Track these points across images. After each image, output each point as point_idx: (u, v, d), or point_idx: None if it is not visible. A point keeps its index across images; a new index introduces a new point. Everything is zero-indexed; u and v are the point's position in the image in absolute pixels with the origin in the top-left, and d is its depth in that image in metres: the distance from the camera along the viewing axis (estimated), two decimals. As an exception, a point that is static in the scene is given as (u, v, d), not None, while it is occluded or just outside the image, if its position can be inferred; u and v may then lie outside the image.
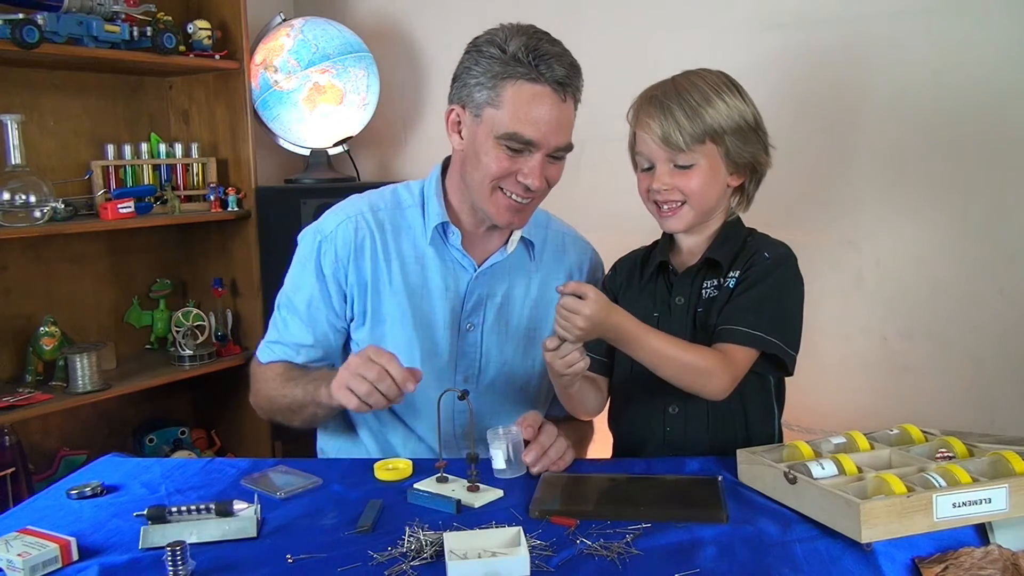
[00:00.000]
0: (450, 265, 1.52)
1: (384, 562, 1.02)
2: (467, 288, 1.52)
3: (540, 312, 1.56)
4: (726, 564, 0.99)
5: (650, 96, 1.38)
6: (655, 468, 1.31)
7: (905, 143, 2.01)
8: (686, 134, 1.32)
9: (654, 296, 1.42)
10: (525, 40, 1.37)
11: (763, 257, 1.36)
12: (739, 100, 1.36)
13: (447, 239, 1.51)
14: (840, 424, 1.49)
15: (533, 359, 1.56)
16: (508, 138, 1.37)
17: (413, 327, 1.50)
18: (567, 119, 1.40)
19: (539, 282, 1.57)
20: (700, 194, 1.35)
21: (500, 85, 1.36)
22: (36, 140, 2.36)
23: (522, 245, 1.55)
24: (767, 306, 1.32)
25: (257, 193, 2.58)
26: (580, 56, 1.42)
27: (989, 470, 1.09)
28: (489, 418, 1.49)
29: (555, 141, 1.38)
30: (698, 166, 1.34)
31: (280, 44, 2.59)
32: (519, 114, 1.36)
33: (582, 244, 1.65)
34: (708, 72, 1.38)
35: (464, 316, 1.52)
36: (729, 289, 1.35)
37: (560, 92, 1.37)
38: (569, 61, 1.39)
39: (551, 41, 1.40)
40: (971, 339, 1.97)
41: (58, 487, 1.31)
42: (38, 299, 2.40)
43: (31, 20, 2.06)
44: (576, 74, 1.40)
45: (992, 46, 1.89)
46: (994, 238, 1.93)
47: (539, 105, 1.36)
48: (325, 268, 1.50)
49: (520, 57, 1.35)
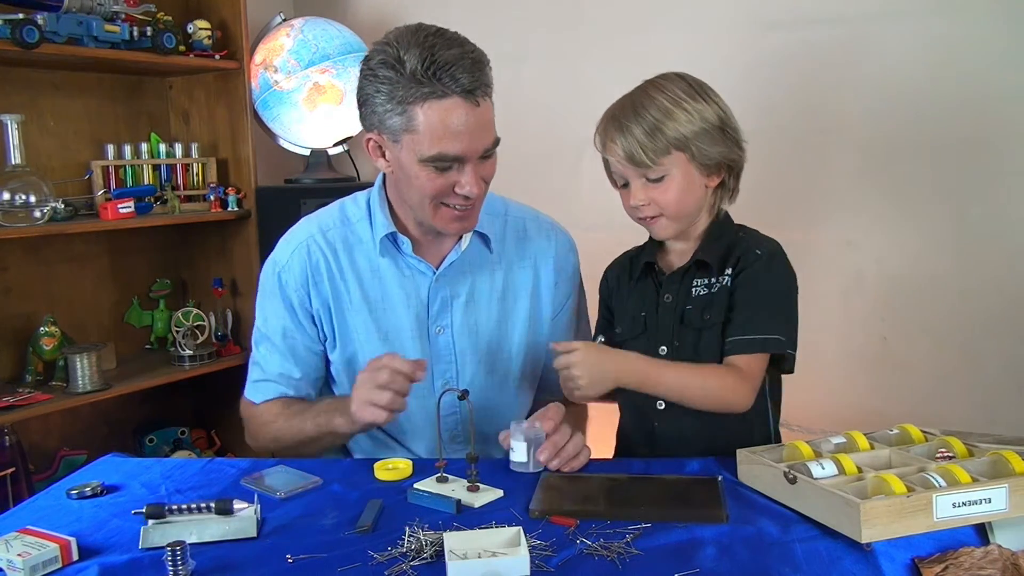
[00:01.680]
0: (407, 273, 1.50)
1: (384, 562, 1.02)
2: (429, 293, 1.50)
3: (508, 304, 1.55)
4: (726, 564, 0.99)
5: (610, 116, 1.38)
6: (655, 468, 1.31)
7: (904, 143, 2.02)
8: (649, 151, 1.32)
9: (643, 296, 1.43)
10: (418, 53, 1.29)
11: (755, 255, 1.36)
12: (701, 103, 1.35)
13: (399, 248, 1.49)
14: (840, 424, 1.49)
15: (509, 350, 1.55)
16: (434, 160, 1.33)
17: (380, 340, 1.50)
18: (485, 119, 1.36)
19: (503, 275, 1.55)
20: (677, 204, 1.36)
21: (409, 110, 1.31)
22: (36, 140, 2.36)
23: (477, 239, 1.53)
24: (768, 308, 1.33)
25: (257, 193, 2.58)
26: (580, 56, 1.42)
27: (989, 470, 1.09)
28: (477, 416, 1.49)
29: (480, 145, 1.36)
30: (670, 176, 1.35)
31: (280, 44, 2.59)
32: (437, 134, 1.31)
33: (546, 227, 1.61)
34: (666, 81, 1.37)
35: (431, 321, 1.51)
36: (726, 289, 1.35)
37: (471, 99, 1.31)
38: (470, 60, 1.31)
39: (445, 42, 1.32)
40: (971, 339, 1.97)
41: (58, 487, 1.31)
42: (38, 299, 2.40)
43: (31, 20, 2.06)
44: (480, 70, 1.33)
45: (989, 45, 1.89)
46: (993, 237, 1.93)
47: (454, 118, 1.31)
48: (291, 297, 1.50)
49: (419, 76, 1.29)
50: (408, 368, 1.29)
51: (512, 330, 1.56)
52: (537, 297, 1.58)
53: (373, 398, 1.29)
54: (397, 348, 1.49)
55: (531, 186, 1.81)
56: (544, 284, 1.58)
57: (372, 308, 1.50)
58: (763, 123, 2.16)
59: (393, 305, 1.50)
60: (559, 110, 2.33)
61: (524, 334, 1.56)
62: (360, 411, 1.31)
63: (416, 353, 1.50)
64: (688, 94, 1.35)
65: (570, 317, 1.63)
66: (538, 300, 1.58)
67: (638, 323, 1.41)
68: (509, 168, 1.50)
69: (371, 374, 1.30)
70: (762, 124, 2.16)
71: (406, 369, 1.29)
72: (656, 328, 1.39)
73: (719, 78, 1.35)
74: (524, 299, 1.56)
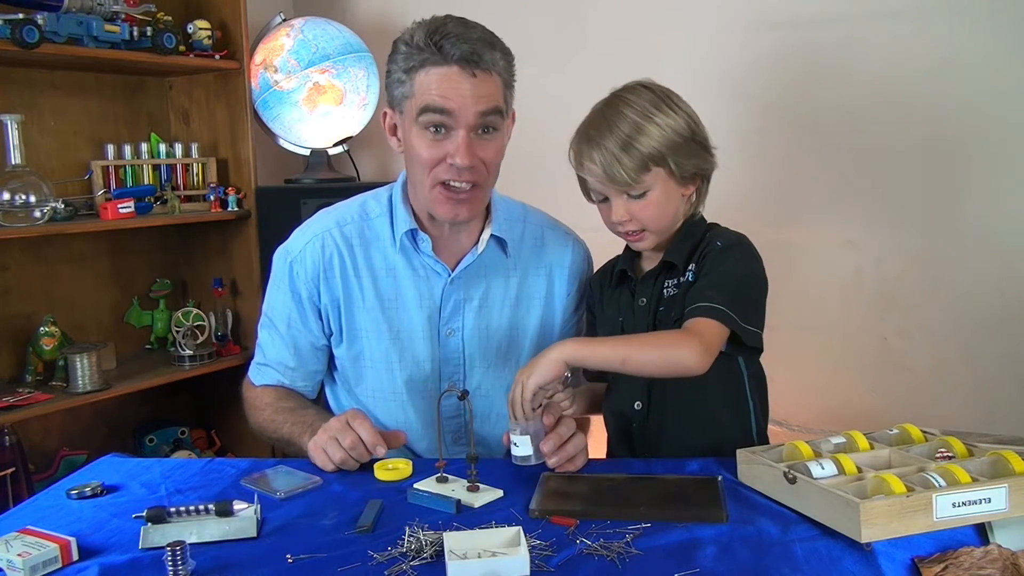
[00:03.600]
0: (422, 273, 1.50)
1: (384, 562, 1.02)
2: (442, 294, 1.50)
3: (521, 311, 1.55)
4: (726, 564, 0.99)
5: (584, 135, 1.37)
6: (655, 468, 1.31)
7: (904, 142, 2.02)
8: (628, 170, 1.32)
9: (620, 302, 1.44)
10: (428, 27, 1.36)
11: (715, 247, 1.36)
12: (670, 115, 1.34)
13: (417, 246, 1.49)
14: (840, 424, 1.49)
15: (517, 359, 1.55)
16: (423, 112, 1.35)
17: (390, 340, 1.50)
18: (483, 91, 1.36)
19: (518, 280, 1.55)
20: (658, 218, 1.37)
21: (411, 77, 1.37)
22: (36, 140, 2.36)
23: (495, 243, 1.52)
24: (718, 286, 1.31)
25: (257, 193, 2.58)
26: (580, 55, 1.43)
27: (989, 470, 1.09)
28: (480, 422, 1.49)
29: (472, 109, 1.35)
30: (651, 191, 1.35)
31: (280, 44, 2.59)
32: (429, 90, 1.35)
33: (563, 237, 1.61)
34: (633, 94, 1.36)
35: (443, 322, 1.51)
36: (688, 283, 1.36)
37: (468, 68, 1.34)
38: (475, 37, 1.35)
39: (459, 23, 1.37)
40: (971, 338, 1.97)
41: (58, 487, 1.31)
42: (38, 299, 2.40)
43: (31, 20, 2.06)
44: (484, 47, 1.35)
45: (988, 45, 1.90)
46: (993, 237, 1.93)
47: (446, 83, 1.34)
48: (300, 289, 1.51)
49: (422, 45, 1.35)
50: (372, 441, 1.31)
51: (523, 337, 1.55)
52: (550, 305, 1.58)
53: (329, 449, 1.32)
54: (406, 348, 1.50)
55: (532, 186, 1.81)
56: (558, 293, 1.58)
57: (384, 306, 1.50)
58: (763, 123, 2.18)
59: (406, 304, 1.50)
60: (559, 110, 2.33)
61: (534, 341, 1.56)
62: (314, 451, 1.35)
63: (425, 353, 1.50)
64: (656, 106, 1.34)
65: (580, 327, 1.62)
66: (551, 308, 1.58)
67: (616, 328, 1.43)
68: (509, 168, 1.50)
69: (342, 427, 1.33)
70: (762, 124, 2.18)
71: (370, 441, 1.31)
72: (632, 331, 1.40)
73: (719, 78, 1.36)
74: (537, 307, 1.56)
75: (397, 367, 1.50)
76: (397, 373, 1.50)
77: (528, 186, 1.79)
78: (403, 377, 1.51)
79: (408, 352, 1.50)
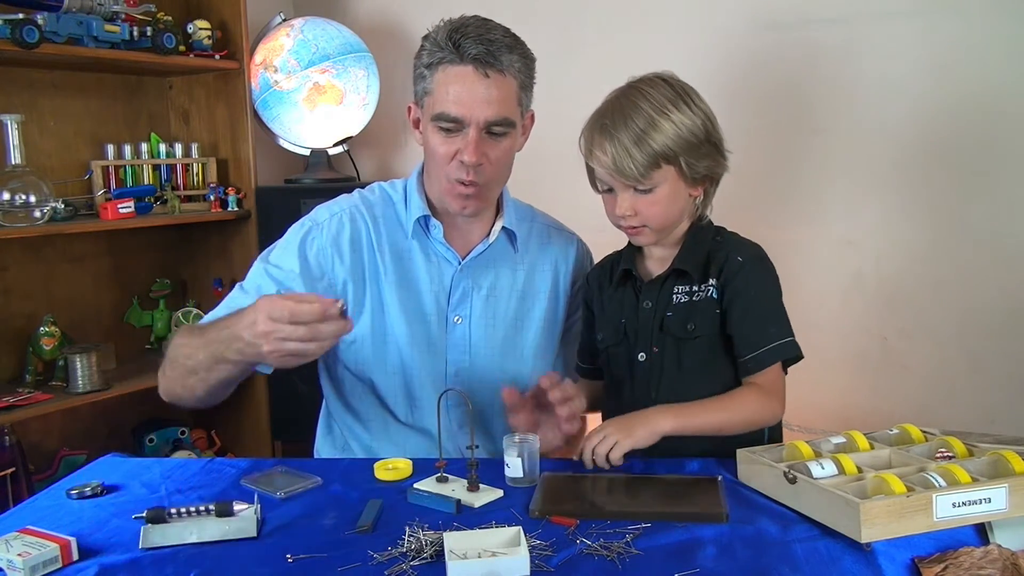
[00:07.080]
0: (434, 259, 1.53)
1: (384, 562, 1.02)
2: (452, 281, 1.53)
3: (527, 303, 1.58)
4: (726, 564, 0.99)
5: (596, 125, 1.35)
6: (655, 468, 1.31)
7: (904, 143, 2.02)
8: (638, 164, 1.30)
9: (622, 302, 1.43)
10: (451, 25, 1.41)
11: (738, 263, 1.34)
12: (687, 114, 1.32)
13: (429, 232, 1.53)
14: (840, 424, 1.49)
15: (522, 349, 1.57)
16: (438, 118, 1.41)
17: (407, 319, 1.51)
18: (494, 94, 1.39)
19: (525, 273, 1.58)
20: (662, 216, 1.36)
21: (431, 73, 1.42)
22: (36, 140, 2.36)
23: (504, 236, 1.56)
24: (768, 315, 1.33)
25: (257, 193, 2.59)
26: (580, 55, 1.43)
27: (989, 470, 1.09)
28: (482, 411, 1.49)
29: (482, 115, 1.39)
30: (658, 188, 1.33)
31: (280, 44, 2.59)
32: (444, 94, 1.40)
33: (567, 234, 1.67)
34: (652, 87, 1.34)
35: (451, 309, 1.53)
36: (712, 301, 1.34)
37: (481, 68, 1.38)
38: (491, 38, 1.39)
39: (480, 24, 1.41)
40: (971, 338, 1.97)
41: (58, 487, 1.31)
42: (38, 299, 2.40)
43: (31, 20, 2.06)
44: (498, 49, 1.39)
45: (988, 45, 1.89)
46: (993, 237, 1.93)
47: (459, 84, 1.39)
48: (309, 255, 1.49)
49: (442, 43, 1.40)
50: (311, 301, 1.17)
51: (528, 328, 1.57)
52: (556, 299, 1.60)
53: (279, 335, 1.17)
54: (422, 330, 1.52)
55: (532, 186, 1.81)
56: (563, 287, 1.61)
57: (402, 286, 1.52)
58: (763, 122, 2.18)
59: (417, 288, 1.53)
60: (560, 109, 2.33)
61: (539, 333, 1.58)
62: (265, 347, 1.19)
63: (435, 337, 1.53)
64: (673, 102, 1.32)
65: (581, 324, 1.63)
66: (556, 301, 1.60)
67: (619, 330, 1.42)
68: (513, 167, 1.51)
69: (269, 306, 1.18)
70: (762, 123, 2.18)
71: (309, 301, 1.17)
72: (636, 334, 1.39)
73: (719, 78, 1.36)
74: (543, 300, 1.59)
75: (416, 348, 1.51)
76: (416, 354, 1.51)
77: (528, 186, 1.79)
78: (418, 358, 1.52)
79: (423, 334, 1.52)
